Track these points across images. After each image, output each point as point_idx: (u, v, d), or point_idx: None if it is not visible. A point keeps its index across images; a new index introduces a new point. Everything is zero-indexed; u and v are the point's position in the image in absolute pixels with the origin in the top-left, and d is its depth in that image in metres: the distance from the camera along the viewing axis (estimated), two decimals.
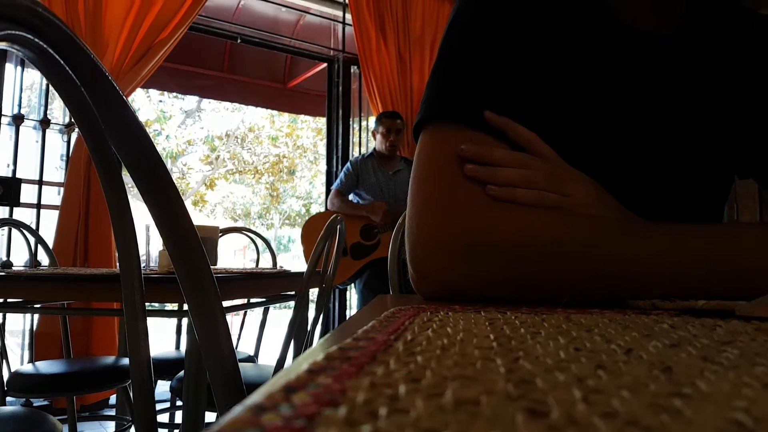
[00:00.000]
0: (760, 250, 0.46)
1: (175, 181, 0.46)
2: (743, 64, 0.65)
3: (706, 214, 0.68)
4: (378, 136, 3.31)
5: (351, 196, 3.31)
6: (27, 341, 2.71)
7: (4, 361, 1.86)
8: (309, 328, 1.63)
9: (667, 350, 0.21)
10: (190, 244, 0.44)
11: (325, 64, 4.29)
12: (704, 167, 0.65)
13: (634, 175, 0.62)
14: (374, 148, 3.36)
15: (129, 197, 0.51)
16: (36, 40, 0.38)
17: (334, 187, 3.34)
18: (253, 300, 1.80)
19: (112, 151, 0.48)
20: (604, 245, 0.48)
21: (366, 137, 4.13)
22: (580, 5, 0.61)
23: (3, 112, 2.79)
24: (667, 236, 0.47)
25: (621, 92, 0.61)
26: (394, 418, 0.12)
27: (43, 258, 2.25)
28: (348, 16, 3.91)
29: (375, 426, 0.12)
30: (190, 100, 11.25)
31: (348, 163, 3.34)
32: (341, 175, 3.33)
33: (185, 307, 0.51)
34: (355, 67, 4.05)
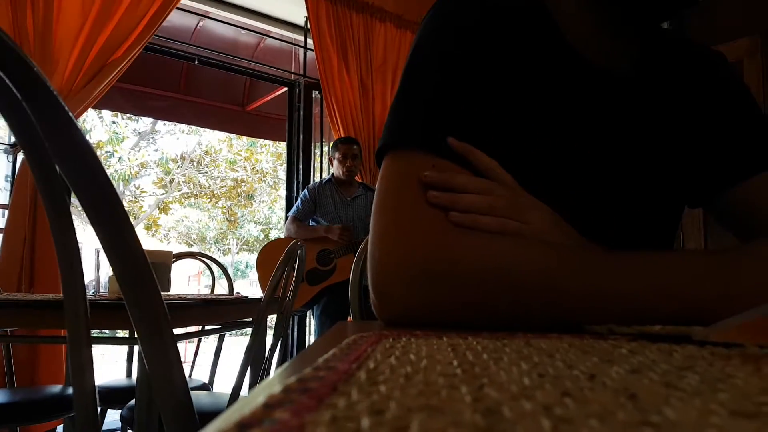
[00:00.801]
0: (711, 278, 0.47)
1: (127, 205, 0.44)
2: (694, 97, 0.68)
3: (658, 241, 0.69)
4: (335, 162, 3.32)
5: (309, 222, 3.29)
6: None
7: None
8: (267, 355, 1.59)
9: (629, 376, 0.21)
10: (139, 269, 0.43)
11: (285, 88, 4.28)
12: (656, 197, 0.67)
13: (589, 203, 0.63)
14: (331, 174, 3.36)
15: (80, 220, 0.49)
16: None
17: (290, 214, 3.32)
18: (208, 327, 1.75)
19: (57, 172, 0.46)
20: (563, 272, 0.48)
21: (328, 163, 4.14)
22: (540, 38, 0.63)
23: None
24: (622, 264, 0.48)
25: (577, 123, 0.63)
26: None
27: None
28: (309, 41, 3.93)
29: None
30: (145, 122, 11.04)
31: (305, 190, 3.33)
32: (298, 202, 3.31)
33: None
34: (317, 92, 4.06)
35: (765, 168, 0.65)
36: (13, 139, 2.90)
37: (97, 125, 10.51)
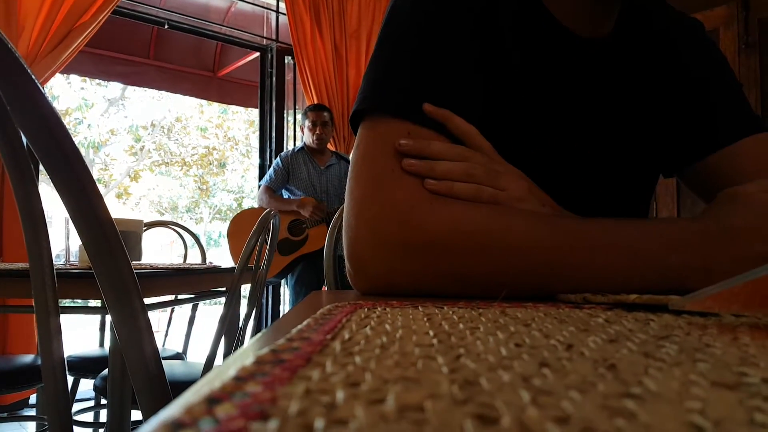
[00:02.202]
0: (685, 245, 0.47)
1: (97, 173, 0.43)
2: (671, 66, 0.68)
3: (633, 209, 0.70)
4: (305, 130, 3.27)
5: (283, 192, 3.26)
6: None
7: None
8: (241, 324, 1.59)
9: (607, 346, 0.21)
10: (107, 238, 0.41)
11: (257, 54, 4.18)
12: (632, 165, 0.68)
13: (566, 171, 0.63)
14: (303, 143, 3.31)
15: (51, 187, 0.47)
16: None
17: (263, 183, 3.27)
18: (181, 296, 1.73)
19: (21, 139, 0.44)
20: (539, 240, 0.48)
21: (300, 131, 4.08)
22: (519, 5, 0.62)
23: None
24: (599, 232, 0.48)
25: (556, 91, 0.62)
26: (332, 431, 0.11)
27: None
28: (282, 5, 3.83)
29: None
30: (114, 88, 10.73)
31: (278, 158, 3.28)
32: (270, 171, 3.27)
33: None
34: (290, 57, 3.98)
35: (738, 137, 0.65)
36: None
37: (66, 91, 10.18)
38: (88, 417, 2.19)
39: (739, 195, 0.51)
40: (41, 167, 0.42)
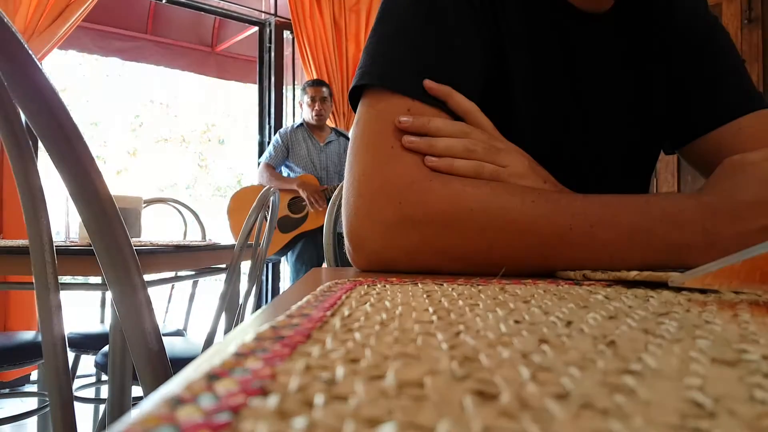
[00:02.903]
0: (688, 222, 0.47)
1: (96, 150, 0.42)
2: (672, 40, 0.67)
3: (633, 187, 0.70)
4: (304, 106, 3.25)
5: (282, 169, 3.24)
6: None
7: None
8: (241, 301, 1.60)
9: (607, 322, 0.21)
10: (106, 215, 0.41)
11: (256, 28, 4.13)
12: (632, 141, 0.67)
13: (565, 147, 0.63)
14: (303, 119, 3.29)
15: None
16: None
17: (262, 160, 3.26)
18: (181, 273, 1.74)
19: (19, 116, 0.44)
20: (540, 216, 0.48)
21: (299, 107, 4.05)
22: None
23: None
24: (600, 208, 0.48)
25: (556, 64, 0.62)
26: (332, 407, 0.11)
27: None
28: None
29: (310, 418, 0.10)
30: (113, 64, 10.62)
31: (277, 135, 3.26)
32: (270, 147, 3.25)
33: None
34: (288, 32, 3.93)
35: (740, 113, 0.65)
36: None
37: (63, 66, 10.08)
38: (89, 393, 2.21)
39: (744, 164, 0.50)
40: (40, 144, 0.42)
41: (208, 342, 1.45)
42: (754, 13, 2.63)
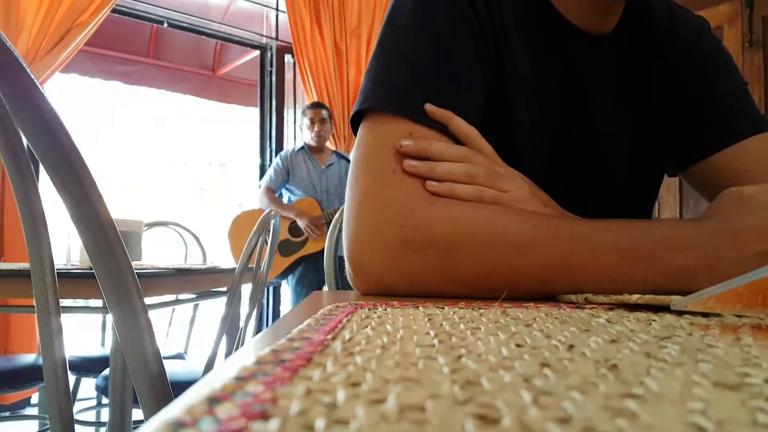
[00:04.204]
0: (690, 247, 0.47)
1: (97, 172, 0.42)
2: (675, 63, 0.68)
3: (636, 211, 0.70)
4: (304, 128, 3.28)
5: (283, 192, 3.26)
6: None
7: None
8: (242, 324, 1.59)
9: (609, 346, 0.21)
10: (107, 238, 0.41)
11: (257, 52, 4.18)
12: (636, 164, 0.67)
13: (568, 171, 0.63)
14: (304, 142, 3.32)
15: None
16: None
17: (263, 183, 3.27)
18: (181, 296, 1.73)
19: (21, 139, 0.44)
20: (541, 240, 0.48)
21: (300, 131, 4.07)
22: (524, 1, 0.61)
23: None
24: (601, 232, 0.48)
25: (558, 87, 0.62)
26: (333, 431, 0.11)
27: None
28: (282, 3, 3.82)
29: None
30: (114, 87, 10.74)
31: (277, 158, 3.28)
32: (270, 170, 3.27)
33: None
34: (290, 56, 3.97)
35: (743, 136, 0.65)
36: None
37: (66, 90, 10.17)
38: (90, 416, 2.20)
39: (742, 196, 0.51)
40: (41, 167, 0.42)
41: (209, 365, 1.44)
42: (755, 36, 2.66)
